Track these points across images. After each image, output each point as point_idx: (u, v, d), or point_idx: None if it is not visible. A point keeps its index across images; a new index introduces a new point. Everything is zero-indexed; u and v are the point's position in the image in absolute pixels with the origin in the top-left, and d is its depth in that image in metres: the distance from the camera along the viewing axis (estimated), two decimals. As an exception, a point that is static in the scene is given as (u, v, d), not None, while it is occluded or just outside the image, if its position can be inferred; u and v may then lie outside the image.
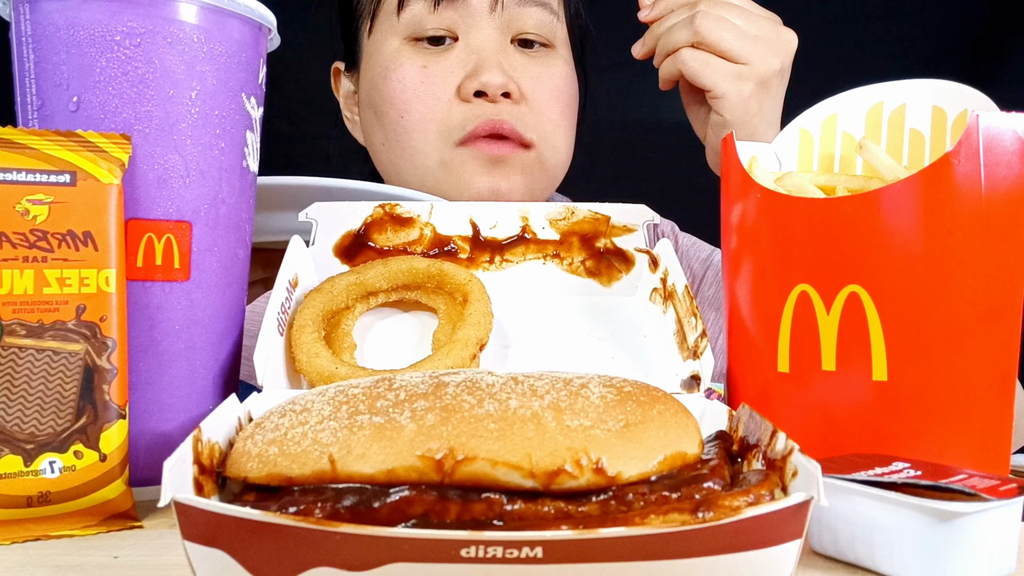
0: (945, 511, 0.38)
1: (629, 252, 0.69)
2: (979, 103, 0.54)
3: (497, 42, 0.82)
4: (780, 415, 0.51)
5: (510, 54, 0.83)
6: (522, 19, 0.83)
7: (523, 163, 0.83)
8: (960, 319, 0.47)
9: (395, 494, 0.36)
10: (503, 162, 0.82)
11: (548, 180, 0.87)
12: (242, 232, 0.57)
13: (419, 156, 0.83)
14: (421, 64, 0.82)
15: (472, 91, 0.80)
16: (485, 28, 0.81)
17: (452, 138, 0.81)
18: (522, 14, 0.82)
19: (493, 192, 0.82)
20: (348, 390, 0.42)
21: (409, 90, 0.81)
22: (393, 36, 0.83)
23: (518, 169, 0.83)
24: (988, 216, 0.47)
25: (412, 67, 0.82)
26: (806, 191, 0.54)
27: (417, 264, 0.65)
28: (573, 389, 0.40)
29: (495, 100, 0.81)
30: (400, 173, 0.85)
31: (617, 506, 0.36)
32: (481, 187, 0.81)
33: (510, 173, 0.82)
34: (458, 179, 0.82)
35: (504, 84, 0.80)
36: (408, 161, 0.84)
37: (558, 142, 0.86)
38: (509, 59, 0.82)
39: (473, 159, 0.81)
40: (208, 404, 0.54)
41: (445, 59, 0.82)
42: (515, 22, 0.82)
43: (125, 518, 0.47)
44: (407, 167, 0.84)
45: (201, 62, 0.51)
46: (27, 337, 0.45)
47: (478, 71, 0.80)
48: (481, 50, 0.81)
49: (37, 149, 0.46)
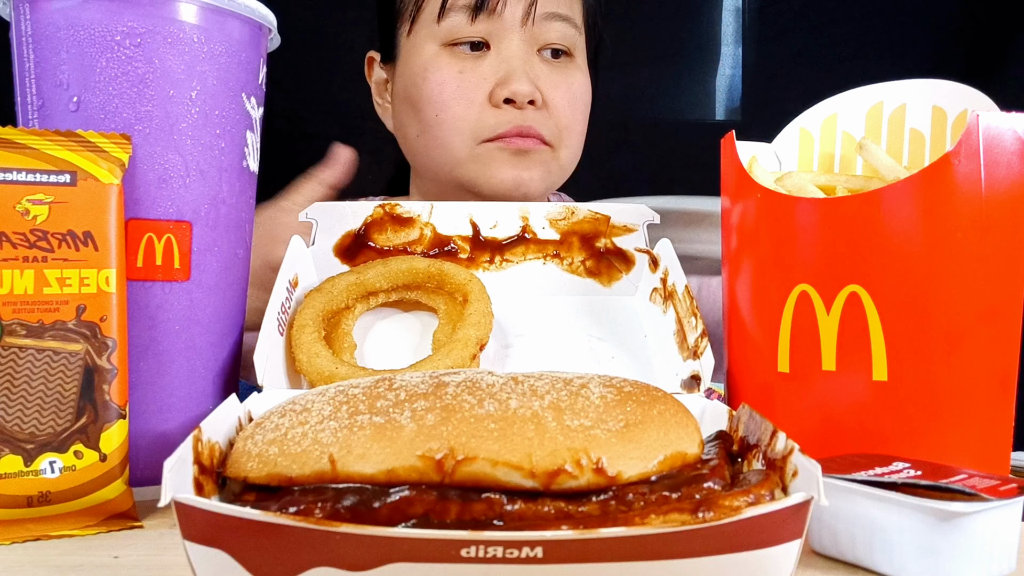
0: (945, 511, 0.38)
1: (629, 252, 0.69)
2: (979, 103, 0.54)
3: (525, 52, 0.90)
4: (780, 415, 0.51)
5: (535, 64, 0.91)
6: (548, 32, 0.91)
7: (542, 158, 0.91)
8: (960, 319, 0.47)
9: (395, 494, 0.36)
10: (526, 155, 0.90)
11: (560, 175, 0.96)
12: (242, 232, 0.57)
13: (451, 150, 0.91)
14: (458, 69, 0.90)
15: (502, 98, 0.88)
16: (515, 39, 0.90)
17: (482, 137, 0.90)
18: (549, 28, 0.91)
19: (516, 181, 0.90)
20: (348, 390, 0.42)
21: (447, 92, 0.90)
22: (432, 41, 0.92)
23: (538, 163, 0.91)
24: (988, 216, 0.47)
25: (450, 71, 0.90)
26: (806, 191, 0.54)
27: (417, 264, 0.65)
28: (573, 389, 0.40)
29: (522, 107, 0.89)
30: (432, 160, 0.94)
31: (617, 506, 0.36)
32: (505, 177, 0.90)
33: (531, 165, 0.91)
34: (485, 169, 0.90)
35: (531, 93, 0.88)
36: (440, 151, 0.93)
37: (572, 143, 0.95)
38: (534, 68, 0.91)
39: (500, 152, 0.90)
40: (208, 404, 0.54)
41: (479, 66, 0.90)
42: (542, 35, 0.91)
43: (125, 518, 0.47)
44: (439, 156, 0.93)
45: (201, 62, 0.51)
46: (27, 337, 0.45)
47: (508, 80, 0.88)
48: (511, 59, 0.90)
49: (37, 149, 0.46)
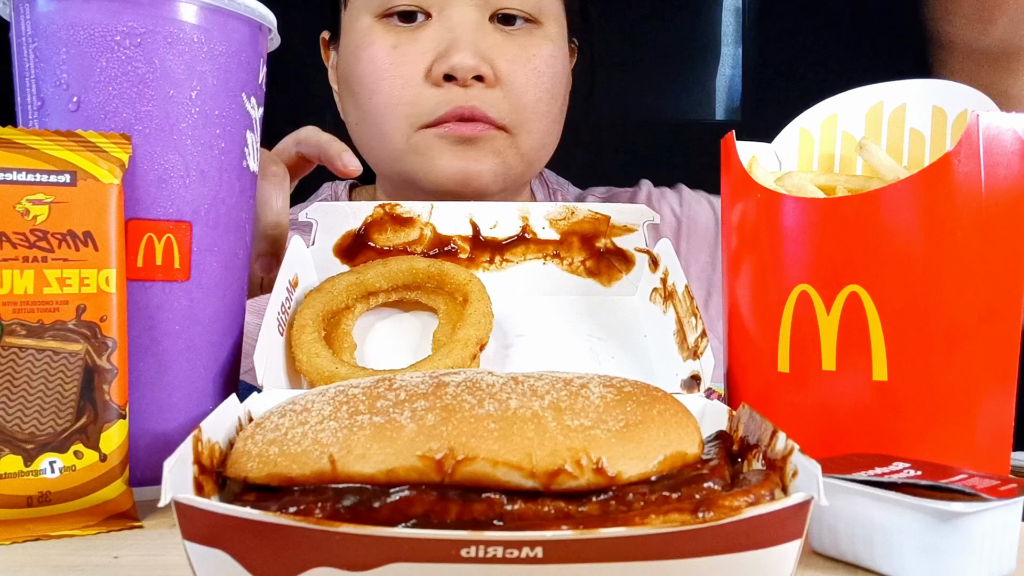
0: (945, 511, 0.38)
1: (629, 252, 0.69)
2: (979, 103, 0.54)
3: (474, 19, 0.76)
4: (780, 415, 0.51)
5: (487, 33, 0.77)
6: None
7: (494, 147, 0.78)
8: (960, 319, 0.47)
9: (395, 494, 0.36)
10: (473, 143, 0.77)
11: (523, 166, 0.82)
12: (242, 232, 0.57)
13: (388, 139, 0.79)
14: (392, 43, 0.77)
15: (441, 74, 0.75)
16: (460, 5, 0.76)
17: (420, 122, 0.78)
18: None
19: (462, 173, 0.77)
20: (348, 390, 0.42)
21: (379, 70, 0.77)
22: (366, 12, 0.79)
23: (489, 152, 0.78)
24: (988, 216, 0.47)
25: (382, 46, 0.77)
26: (806, 191, 0.54)
27: (417, 264, 0.65)
28: (573, 389, 0.40)
29: (466, 84, 0.76)
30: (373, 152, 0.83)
31: (617, 506, 0.36)
32: (449, 169, 0.77)
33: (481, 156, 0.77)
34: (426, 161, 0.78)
35: (475, 67, 0.74)
36: (379, 142, 0.81)
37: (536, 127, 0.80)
38: (486, 39, 0.77)
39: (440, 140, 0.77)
40: (208, 404, 0.54)
41: (416, 38, 0.76)
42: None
43: (125, 518, 0.47)
44: (378, 147, 0.81)
45: (201, 62, 0.51)
46: (27, 337, 0.45)
47: (448, 53, 0.75)
48: (454, 28, 0.76)
49: (37, 149, 0.46)
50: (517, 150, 0.80)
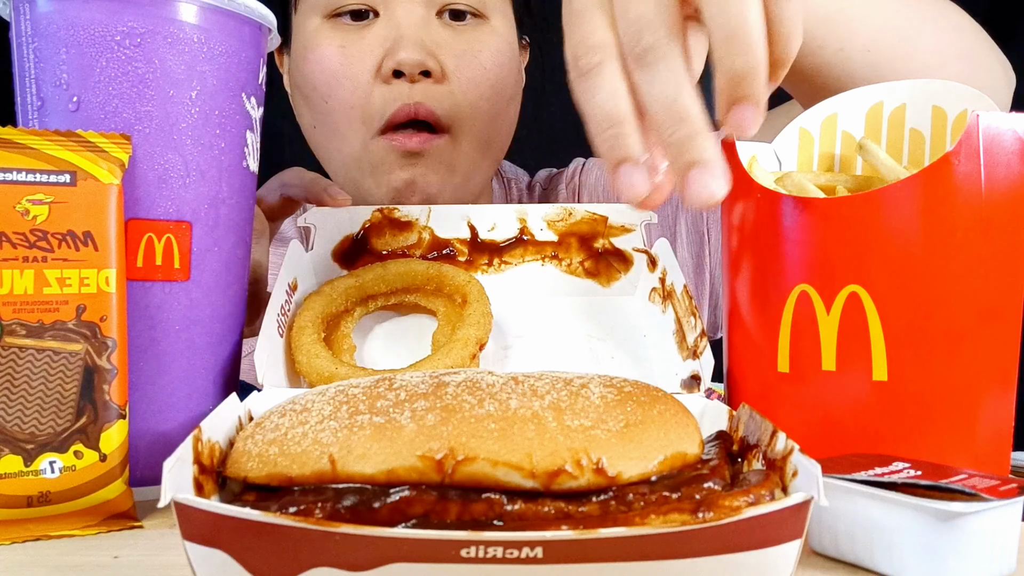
0: (945, 511, 0.38)
1: (627, 252, 0.69)
2: (979, 103, 0.54)
3: (420, 16, 0.76)
4: (780, 415, 0.51)
5: (434, 29, 0.77)
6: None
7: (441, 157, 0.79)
8: (960, 319, 0.47)
9: (395, 494, 0.36)
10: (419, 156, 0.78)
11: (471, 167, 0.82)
12: (242, 232, 0.57)
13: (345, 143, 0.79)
14: (339, 44, 0.76)
15: (390, 70, 0.75)
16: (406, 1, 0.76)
17: (374, 126, 0.78)
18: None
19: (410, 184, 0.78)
20: (348, 390, 0.42)
21: (328, 72, 0.77)
22: (315, 13, 0.78)
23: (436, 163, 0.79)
24: (988, 216, 0.47)
25: (331, 47, 0.77)
26: (806, 191, 0.54)
27: (416, 266, 0.65)
28: (573, 389, 0.40)
29: (414, 80, 0.76)
30: (330, 156, 0.83)
31: (617, 506, 0.36)
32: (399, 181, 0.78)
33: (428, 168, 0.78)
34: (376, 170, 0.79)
35: (421, 62, 0.74)
36: (336, 146, 0.81)
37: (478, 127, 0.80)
38: (432, 34, 0.77)
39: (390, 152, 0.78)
40: (208, 404, 0.54)
41: (363, 37, 0.76)
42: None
43: (125, 518, 0.47)
44: (335, 152, 0.81)
45: (201, 62, 0.51)
46: (27, 337, 0.45)
47: (395, 49, 0.75)
48: (401, 25, 0.76)
49: (37, 149, 0.46)
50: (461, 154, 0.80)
